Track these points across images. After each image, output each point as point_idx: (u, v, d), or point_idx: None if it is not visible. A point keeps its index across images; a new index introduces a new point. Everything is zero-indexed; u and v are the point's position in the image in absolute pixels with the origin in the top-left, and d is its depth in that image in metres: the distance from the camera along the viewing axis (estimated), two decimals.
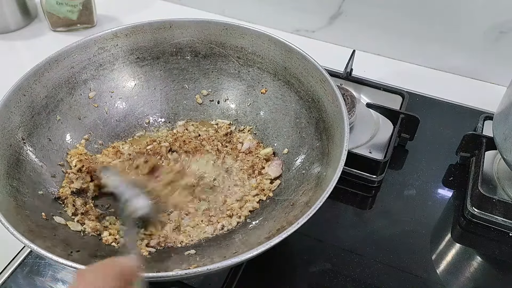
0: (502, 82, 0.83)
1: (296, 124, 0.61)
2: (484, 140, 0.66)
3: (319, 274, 0.55)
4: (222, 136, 0.65)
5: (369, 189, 0.65)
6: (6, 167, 0.50)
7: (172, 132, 0.66)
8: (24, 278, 0.54)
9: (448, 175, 0.68)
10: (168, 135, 0.65)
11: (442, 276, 0.56)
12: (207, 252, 0.51)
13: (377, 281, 0.54)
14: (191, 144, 0.63)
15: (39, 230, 0.47)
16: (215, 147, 0.63)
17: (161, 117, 0.67)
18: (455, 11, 0.80)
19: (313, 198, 0.49)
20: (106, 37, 0.62)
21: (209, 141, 0.64)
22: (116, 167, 0.59)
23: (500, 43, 0.80)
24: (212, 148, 0.63)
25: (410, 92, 0.78)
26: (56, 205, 0.53)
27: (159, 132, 0.66)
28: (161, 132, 0.66)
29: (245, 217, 0.55)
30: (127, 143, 0.64)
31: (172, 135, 0.65)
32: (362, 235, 0.60)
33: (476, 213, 0.61)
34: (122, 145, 0.63)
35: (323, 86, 0.57)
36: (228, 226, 0.55)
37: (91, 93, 0.63)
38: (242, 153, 0.63)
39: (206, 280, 0.53)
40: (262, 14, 0.95)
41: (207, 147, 0.63)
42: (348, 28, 0.90)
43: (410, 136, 0.70)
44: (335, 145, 0.52)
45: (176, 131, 0.66)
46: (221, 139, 0.64)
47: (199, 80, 0.67)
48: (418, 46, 0.87)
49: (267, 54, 0.63)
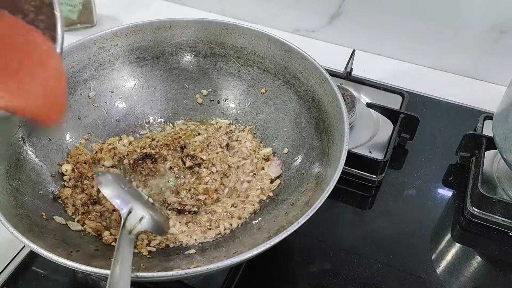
0: (502, 82, 0.83)
1: (296, 124, 0.61)
2: (484, 140, 0.66)
3: (319, 274, 0.55)
4: (222, 135, 0.65)
5: (369, 189, 0.65)
6: (6, 167, 0.50)
7: (175, 129, 0.66)
8: (24, 278, 0.54)
9: (448, 175, 0.68)
10: (170, 132, 0.65)
11: (442, 276, 0.56)
12: (207, 252, 0.51)
13: (377, 281, 0.54)
14: (193, 143, 0.63)
15: (39, 230, 0.47)
16: (216, 146, 0.63)
17: (161, 116, 0.67)
18: (455, 11, 0.80)
19: (313, 198, 0.49)
20: (106, 37, 0.62)
21: (211, 138, 0.64)
22: (114, 171, 0.57)
23: (500, 43, 0.80)
24: (213, 148, 0.63)
25: (410, 92, 0.78)
26: (56, 205, 0.53)
27: (162, 132, 0.66)
28: (163, 131, 0.66)
29: (246, 218, 0.55)
30: (123, 139, 0.64)
31: (174, 133, 0.65)
32: (362, 235, 0.60)
33: (476, 213, 0.61)
34: (119, 141, 0.63)
35: (323, 86, 0.57)
36: (229, 228, 0.54)
37: (91, 93, 0.63)
38: (243, 154, 0.63)
39: (206, 280, 0.53)
40: (262, 14, 0.95)
41: (209, 146, 0.63)
42: (348, 28, 0.90)
43: (410, 136, 0.70)
44: (335, 145, 0.52)
45: (179, 129, 0.66)
46: (220, 138, 0.64)
47: (199, 80, 0.67)
48: (418, 46, 0.87)
49: (267, 54, 0.63)
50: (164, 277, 0.40)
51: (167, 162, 0.61)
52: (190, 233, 0.53)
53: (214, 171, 0.60)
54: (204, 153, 0.62)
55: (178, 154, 0.62)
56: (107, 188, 0.50)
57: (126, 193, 0.50)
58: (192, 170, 0.60)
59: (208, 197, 0.57)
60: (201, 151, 0.62)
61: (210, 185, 0.58)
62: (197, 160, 0.61)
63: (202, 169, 0.60)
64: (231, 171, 0.61)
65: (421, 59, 0.88)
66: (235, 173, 0.60)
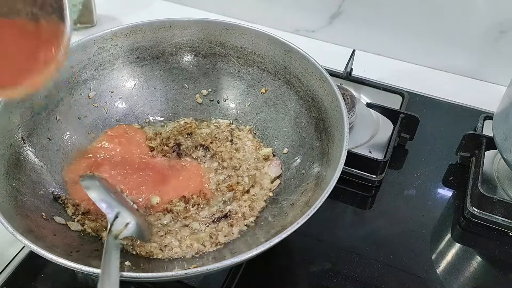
0: (502, 82, 0.83)
1: (296, 124, 0.61)
2: (484, 140, 0.66)
3: (319, 274, 0.55)
4: (224, 131, 0.65)
5: (369, 189, 0.65)
6: (6, 167, 0.50)
7: (178, 123, 0.66)
8: (24, 278, 0.54)
9: (448, 175, 0.68)
10: (175, 126, 0.66)
11: (442, 276, 0.56)
12: (206, 252, 0.51)
13: (377, 281, 0.54)
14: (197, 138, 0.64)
15: (39, 230, 0.47)
16: (222, 140, 0.64)
17: (161, 116, 0.67)
18: (455, 11, 0.80)
19: (312, 198, 0.49)
20: (106, 37, 0.62)
21: (216, 133, 0.65)
22: (101, 176, 0.56)
23: (500, 43, 0.80)
24: (221, 141, 0.64)
25: (410, 92, 0.78)
26: (56, 205, 0.53)
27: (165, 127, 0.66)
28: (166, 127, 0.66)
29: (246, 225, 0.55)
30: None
31: (179, 126, 0.66)
32: (362, 235, 0.60)
33: (476, 213, 0.61)
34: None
35: (323, 86, 0.57)
36: (243, 230, 0.53)
37: (91, 93, 0.63)
38: (245, 151, 0.63)
39: (206, 280, 0.53)
40: (262, 14, 0.95)
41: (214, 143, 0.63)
42: (348, 28, 0.90)
43: (410, 136, 0.70)
44: (335, 145, 0.52)
45: (184, 123, 0.66)
46: (224, 133, 0.65)
47: (199, 80, 0.67)
48: (418, 46, 0.87)
49: (267, 53, 0.63)
50: (164, 277, 0.40)
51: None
52: (190, 244, 0.52)
53: (225, 166, 0.60)
54: (214, 144, 0.63)
55: (190, 141, 0.63)
56: (94, 192, 0.50)
57: (112, 198, 0.50)
58: (203, 161, 0.61)
59: (234, 192, 0.57)
60: (211, 142, 0.63)
61: (231, 181, 0.59)
62: (209, 150, 0.62)
63: (214, 162, 0.61)
64: (240, 164, 0.61)
65: (421, 59, 0.88)
66: (243, 168, 0.61)
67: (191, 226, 0.53)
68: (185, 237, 0.52)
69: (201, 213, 0.55)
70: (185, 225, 0.54)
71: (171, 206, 0.55)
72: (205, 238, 0.52)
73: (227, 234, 0.52)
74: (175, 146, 0.62)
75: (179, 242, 0.51)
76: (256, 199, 0.57)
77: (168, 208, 0.55)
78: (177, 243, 0.51)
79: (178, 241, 0.51)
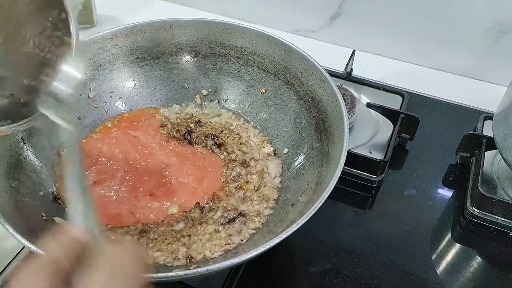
0: (502, 82, 0.83)
1: (296, 124, 0.61)
2: (484, 140, 0.66)
3: (319, 274, 0.55)
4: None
5: (369, 189, 0.65)
6: (6, 167, 0.50)
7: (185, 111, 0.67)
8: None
9: (448, 175, 0.68)
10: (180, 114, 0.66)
11: (442, 276, 0.56)
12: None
13: (377, 281, 0.54)
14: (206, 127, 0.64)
15: (39, 230, 0.46)
16: (230, 132, 0.64)
17: None
18: (455, 11, 0.79)
19: (313, 198, 0.49)
20: (105, 37, 0.62)
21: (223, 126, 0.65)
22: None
23: (500, 43, 0.80)
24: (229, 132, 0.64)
25: (410, 92, 0.78)
26: (56, 206, 0.53)
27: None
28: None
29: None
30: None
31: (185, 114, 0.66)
32: (362, 235, 0.60)
33: (476, 213, 0.61)
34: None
35: (323, 86, 0.57)
36: (252, 232, 0.53)
37: (91, 93, 0.63)
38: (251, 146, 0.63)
39: (206, 281, 0.53)
40: (262, 14, 0.95)
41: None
42: (348, 28, 0.90)
43: (410, 136, 0.70)
44: (335, 145, 0.52)
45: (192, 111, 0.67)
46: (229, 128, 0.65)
47: (199, 80, 0.67)
48: (418, 46, 0.87)
49: (267, 54, 0.63)
50: (164, 277, 0.40)
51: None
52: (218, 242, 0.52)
53: (233, 158, 0.60)
54: (223, 134, 0.63)
55: (201, 129, 0.64)
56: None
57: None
58: (211, 150, 0.61)
59: (244, 191, 0.57)
60: (221, 132, 0.63)
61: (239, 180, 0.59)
62: (218, 140, 0.62)
63: (223, 153, 0.61)
64: (248, 159, 0.61)
65: (421, 59, 0.88)
66: (251, 164, 0.60)
67: (206, 230, 0.53)
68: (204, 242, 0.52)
69: (214, 216, 0.54)
70: (201, 230, 0.53)
71: (187, 214, 0.55)
72: (220, 242, 0.52)
73: (239, 234, 0.53)
74: (187, 134, 0.62)
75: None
76: (264, 198, 0.56)
77: (184, 215, 0.55)
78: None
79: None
